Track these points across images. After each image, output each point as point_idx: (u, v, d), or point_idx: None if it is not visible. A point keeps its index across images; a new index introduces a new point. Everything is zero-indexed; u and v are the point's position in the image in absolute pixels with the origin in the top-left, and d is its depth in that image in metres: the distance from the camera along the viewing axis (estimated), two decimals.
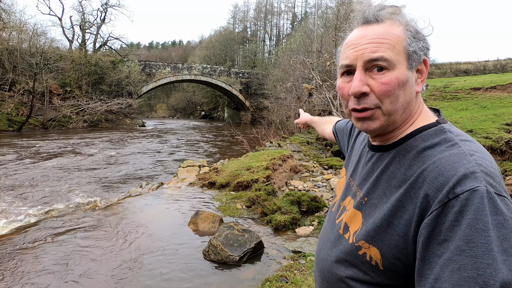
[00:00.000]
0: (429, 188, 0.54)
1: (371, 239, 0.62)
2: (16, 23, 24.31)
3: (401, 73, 0.62)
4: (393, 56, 0.61)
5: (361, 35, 0.65)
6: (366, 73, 0.63)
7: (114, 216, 3.84)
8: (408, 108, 0.65)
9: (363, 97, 0.63)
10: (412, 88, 0.65)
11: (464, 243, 0.48)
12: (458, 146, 0.57)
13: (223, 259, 2.72)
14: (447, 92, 14.18)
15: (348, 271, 0.66)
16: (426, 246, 0.52)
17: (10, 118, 17.95)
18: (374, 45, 0.62)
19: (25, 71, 20.38)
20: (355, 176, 0.77)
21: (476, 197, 0.49)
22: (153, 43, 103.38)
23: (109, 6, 30.52)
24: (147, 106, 52.14)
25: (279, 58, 25.36)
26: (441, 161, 0.56)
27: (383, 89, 0.61)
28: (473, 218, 0.48)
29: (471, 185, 0.50)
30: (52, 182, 6.69)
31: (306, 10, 51.18)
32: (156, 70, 30.36)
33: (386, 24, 0.64)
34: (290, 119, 15.10)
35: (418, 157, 0.61)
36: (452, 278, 0.48)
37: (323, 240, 0.79)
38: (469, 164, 0.53)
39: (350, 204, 0.73)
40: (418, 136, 0.64)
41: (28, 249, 2.95)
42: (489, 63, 29.29)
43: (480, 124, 8.33)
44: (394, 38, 0.62)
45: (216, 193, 4.85)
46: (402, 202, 0.59)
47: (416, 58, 0.64)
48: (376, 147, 0.72)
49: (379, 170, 0.68)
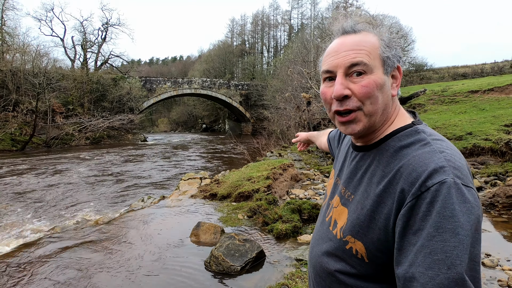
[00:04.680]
0: (404, 183, 0.59)
1: (356, 233, 0.66)
2: (19, 45, 24.96)
3: (378, 77, 0.68)
4: (370, 61, 0.67)
5: (340, 43, 0.71)
6: (347, 78, 0.68)
7: (116, 231, 3.86)
8: (386, 110, 0.71)
9: (345, 100, 0.68)
10: (389, 91, 0.70)
11: (434, 230, 0.52)
12: (430, 145, 0.63)
13: (225, 270, 2.73)
14: (445, 96, 14.27)
15: (337, 265, 0.70)
16: (402, 236, 0.57)
17: (14, 137, 18.14)
18: (353, 52, 0.68)
19: (28, 91, 20.74)
20: (341, 175, 0.82)
21: (444, 188, 0.54)
22: (153, 59, 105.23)
23: (110, 25, 31.26)
24: (149, 121, 52.61)
25: (277, 69, 25.71)
26: (414, 158, 0.61)
27: (364, 91, 0.67)
28: (441, 207, 0.53)
29: (440, 178, 0.55)
30: (55, 199, 6.73)
31: (302, 22, 52.11)
32: (157, 85, 30.78)
33: (362, 34, 0.70)
34: (290, 128, 15.18)
35: (395, 156, 0.66)
36: (424, 262, 0.52)
37: (315, 239, 0.84)
38: (439, 160, 0.58)
39: (337, 201, 0.78)
40: (396, 136, 0.69)
41: (31, 265, 2.96)
42: (487, 66, 29.47)
43: (479, 126, 8.35)
44: (370, 46, 0.69)
45: (218, 204, 4.86)
46: (382, 197, 0.63)
47: (390, 64, 0.70)
48: (359, 147, 0.77)
49: (362, 168, 0.73)
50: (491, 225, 3.82)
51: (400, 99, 15.88)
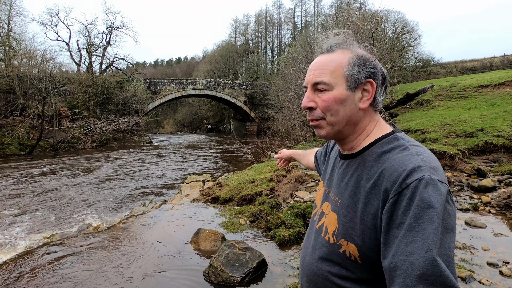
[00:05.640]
0: (387, 183, 0.65)
1: (348, 236, 0.71)
2: (26, 50, 25.29)
3: (339, 92, 0.76)
4: (331, 80, 0.76)
5: (314, 63, 0.81)
6: (315, 92, 0.79)
7: (115, 237, 3.77)
8: (351, 121, 0.78)
9: (312, 111, 0.80)
10: (353, 105, 0.77)
11: (414, 221, 0.58)
12: (408, 149, 0.70)
13: (224, 281, 2.59)
14: (453, 91, 13.89)
15: (332, 269, 0.74)
16: (387, 231, 0.63)
17: (21, 142, 18.37)
18: (318, 71, 0.78)
19: (35, 95, 20.97)
20: (330, 183, 0.87)
21: (422, 184, 0.60)
22: (158, 61, 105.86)
23: (114, 28, 31.48)
24: (154, 122, 52.83)
25: (281, 68, 25.47)
26: (395, 161, 0.68)
27: (323, 105, 0.77)
28: (420, 199, 0.59)
29: (418, 176, 0.62)
30: (58, 203, 6.70)
31: (306, 20, 51.70)
32: (161, 87, 30.86)
33: (335, 53, 0.78)
34: (295, 127, 14.99)
35: (378, 160, 0.72)
36: (405, 251, 0.58)
37: (306, 247, 0.88)
38: (416, 161, 0.65)
39: (328, 208, 0.83)
40: (378, 144, 0.76)
41: (30, 274, 2.88)
42: (496, 59, 28.75)
43: (491, 122, 8.06)
44: (335, 65, 0.77)
45: (220, 208, 4.74)
46: (369, 199, 0.69)
47: (354, 80, 0.76)
48: (345, 156, 0.83)
49: (348, 174, 0.79)
50: (507, 228, 3.61)
51: (407, 95, 15.53)
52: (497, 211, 4.12)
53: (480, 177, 5.49)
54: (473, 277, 2.50)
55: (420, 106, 13.74)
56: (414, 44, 30.11)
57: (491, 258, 2.85)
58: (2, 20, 25.64)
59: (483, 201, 4.41)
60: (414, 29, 29.97)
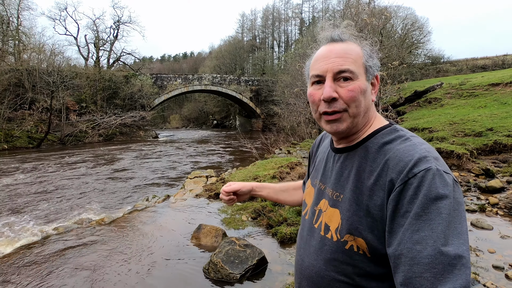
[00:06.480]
0: (392, 173, 0.64)
1: (355, 230, 0.68)
2: (35, 44, 25.58)
3: (362, 83, 0.74)
4: (356, 68, 0.73)
5: (329, 50, 0.76)
6: (335, 82, 0.74)
7: (117, 231, 3.79)
8: (367, 113, 0.77)
9: (333, 102, 0.73)
10: (369, 96, 0.77)
11: (421, 210, 0.58)
12: (410, 140, 0.69)
13: (224, 278, 2.58)
14: (463, 90, 13.61)
15: (338, 268, 0.71)
16: (392, 219, 0.62)
17: (30, 135, 18.66)
18: (341, 59, 0.73)
19: (43, 89, 21.22)
20: (325, 180, 0.84)
21: (429, 174, 0.60)
22: (165, 56, 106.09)
23: (121, 23, 31.62)
24: (160, 117, 53.11)
25: (288, 64, 25.25)
26: (399, 151, 0.67)
27: (350, 95, 0.73)
28: (427, 190, 0.59)
29: (425, 166, 0.61)
30: (62, 197, 6.79)
31: (313, 15, 51.12)
32: (168, 82, 30.93)
33: (347, 43, 0.76)
34: (300, 124, 14.89)
35: (380, 151, 0.71)
36: (412, 239, 0.58)
37: (303, 249, 0.83)
38: (421, 151, 0.64)
39: (326, 205, 0.79)
40: (378, 135, 0.75)
41: (34, 265, 2.92)
42: (508, 57, 28.03)
43: (501, 121, 7.87)
44: (355, 54, 0.75)
45: (222, 204, 4.73)
46: (374, 190, 0.67)
47: (371, 72, 0.77)
48: (343, 149, 0.81)
49: (348, 168, 0.76)
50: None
51: (415, 93, 15.26)
52: (505, 212, 4.02)
53: (488, 178, 5.37)
54: (478, 280, 2.44)
55: (428, 104, 13.49)
56: (423, 41, 29.52)
57: (497, 261, 2.78)
58: (12, 14, 25.95)
59: (491, 202, 4.31)
60: (424, 25, 29.36)
